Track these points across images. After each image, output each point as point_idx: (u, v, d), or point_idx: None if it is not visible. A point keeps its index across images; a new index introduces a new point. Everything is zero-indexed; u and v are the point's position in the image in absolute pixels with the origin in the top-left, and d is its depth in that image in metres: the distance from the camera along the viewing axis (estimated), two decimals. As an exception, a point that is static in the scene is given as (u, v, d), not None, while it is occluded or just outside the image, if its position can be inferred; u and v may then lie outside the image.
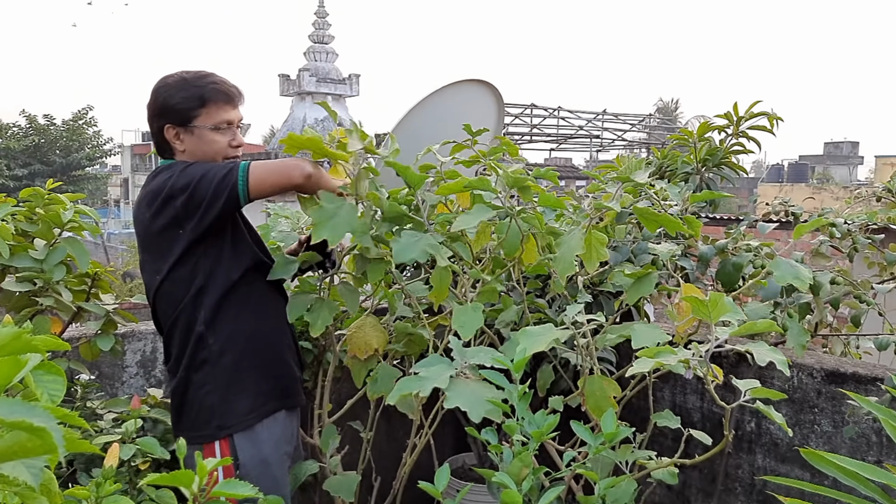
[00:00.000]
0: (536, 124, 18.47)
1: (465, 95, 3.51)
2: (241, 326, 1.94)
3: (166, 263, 1.88)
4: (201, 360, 1.90)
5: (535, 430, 1.52)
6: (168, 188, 1.83)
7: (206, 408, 1.90)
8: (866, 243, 2.40)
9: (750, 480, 2.62)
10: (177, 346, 1.93)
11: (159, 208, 1.85)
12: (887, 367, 2.43)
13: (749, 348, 1.45)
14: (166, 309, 1.94)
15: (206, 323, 1.89)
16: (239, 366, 1.93)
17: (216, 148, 1.97)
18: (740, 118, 2.72)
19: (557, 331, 1.70)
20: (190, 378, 1.91)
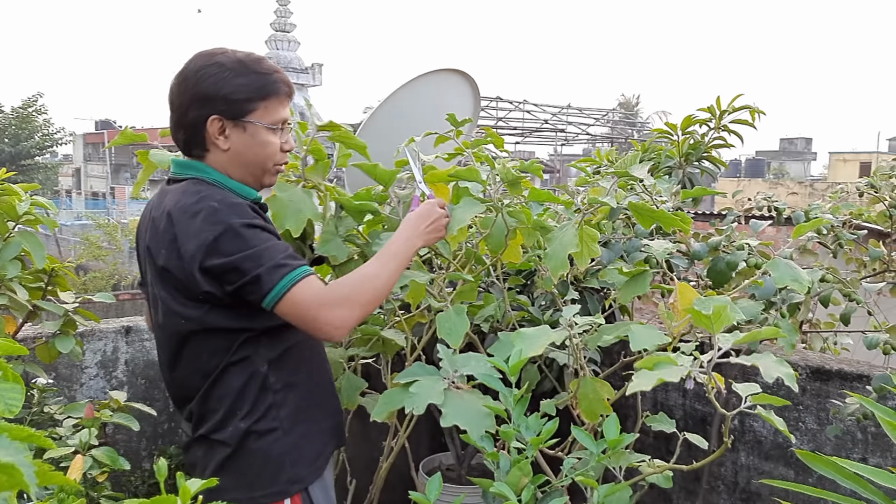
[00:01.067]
0: (502, 117, 18.43)
1: (441, 85, 3.41)
2: (300, 360, 1.64)
3: (197, 306, 1.51)
4: (267, 406, 1.56)
5: (533, 436, 1.45)
6: (210, 253, 1.45)
7: (274, 459, 1.56)
8: (851, 239, 2.37)
9: (734, 479, 2.59)
10: (231, 396, 1.54)
11: (200, 259, 1.47)
12: (872, 364, 2.42)
13: (755, 361, 1.39)
14: (202, 355, 1.54)
15: (271, 362, 1.57)
16: (302, 405, 1.62)
17: (269, 151, 1.60)
18: (723, 112, 2.68)
19: (554, 332, 1.62)
20: (251, 428, 1.54)
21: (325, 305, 1.47)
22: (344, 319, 1.49)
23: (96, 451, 1.72)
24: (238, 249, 1.45)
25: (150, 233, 1.56)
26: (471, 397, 1.53)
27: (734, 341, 1.42)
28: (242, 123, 1.57)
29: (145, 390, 2.62)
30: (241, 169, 1.60)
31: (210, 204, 1.48)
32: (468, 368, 1.59)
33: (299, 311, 1.46)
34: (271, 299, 1.45)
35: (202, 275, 1.46)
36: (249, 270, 1.44)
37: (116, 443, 2.57)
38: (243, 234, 1.46)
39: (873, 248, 2.46)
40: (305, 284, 1.47)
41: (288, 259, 1.48)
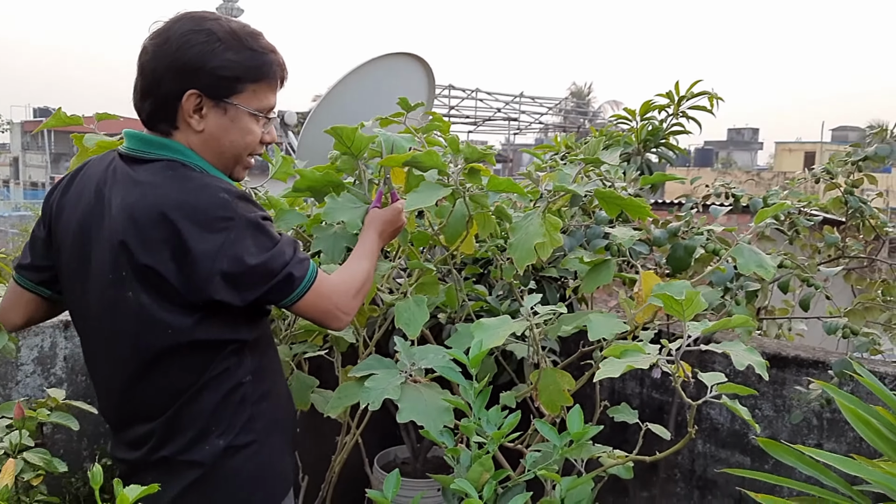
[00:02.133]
0: (454, 105, 18.37)
1: (395, 70, 3.33)
2: (271, 368, 1.51)
3: (188, 315, 1.32)
4: (246, 418, 1.40)
5: (495, 430, 1.39)
6: (234, 255, 1.29)
7: (251, 476, 1.41)
8: (808, 225, 2.37)
9: (690, 467, 2.58)
10: (207, 413, 1.37)
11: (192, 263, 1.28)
12: (827, 350, 2.43)
13: (726, 349, 1.35)
14: (178, 370, 1.36)
15: (252, 372, 1.42)
16: (275, 416, 1.48)
17: (249, 140, 1.42)
18: (682, 97, 2.65)
19: (514, 323, 1.57)
20: (231, 444, 1.38)
21: (343, 296, 1.43)
22: (354, 309, 1.46)
23: (29, 453, 1.60)
24: (265, 248, 1.32)
25: (127, 226, 1.30)
26: (429, 391, 1.47)
27: (703, 329, 1.39)
28: (224, 105, 1.37)
29: (86, 387, 2.50)
30: (212, 155, 1.40)
31: (220, 196, 1.30)
32: (426, 361, 1.53)
33: (322, 304, 1.40)
34: (297, 295, 1.36)
35: (223, 281, 1.28)
36: (279, 269, 1.33)
37: (55, 443, 2.44)
38: (265, 229, 1.33)
39: (829, 235, 2.47)
40: (321, 275, 1.41)
41: (300, 251, 1.39)
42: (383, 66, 3.26)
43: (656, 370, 1.43)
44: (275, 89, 1.45)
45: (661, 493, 2.63)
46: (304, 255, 1.39)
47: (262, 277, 1.32)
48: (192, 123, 1.36)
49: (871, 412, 1.61)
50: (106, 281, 1.34)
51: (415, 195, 1.61)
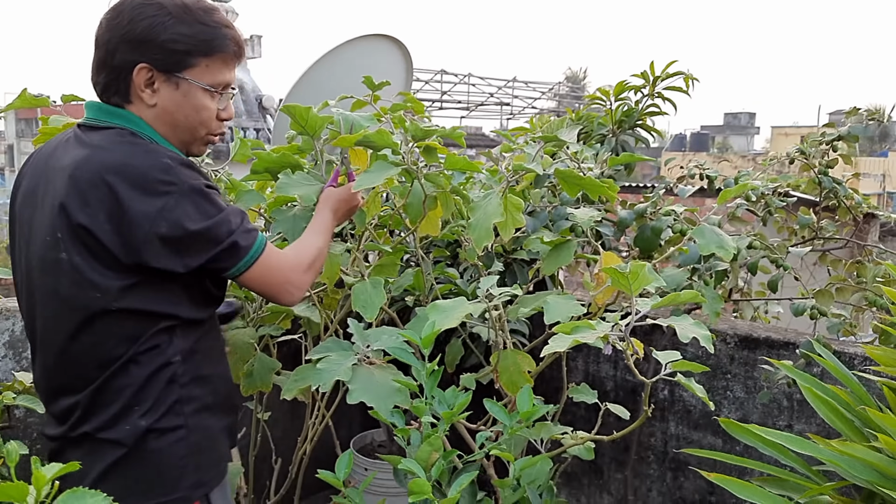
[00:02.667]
0: (447, 91, 18.28)
1: (371, 52, 3.31)
2: (209, 350, 1.47)
3: (120, 279, 1.30)
4: (173, 401, 1.36)
5: (446, 410, 1.39)
6: (174, 219, 1.28)
7: (176, 462, 1.37)
8: (781, 206, 2.36)
9: (663, 448, 2.58)
10: (132, 389, 1.33)
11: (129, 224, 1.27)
12: (799, 332, 2.43)
13: (672, 322, 1.35)
14: (108, 339, 1.33)
15: (184, 355, 1.38)
16: (208, 401, 1.44)
17: (204, 116, 1.41)
18: (657, 78, 2.63)
19: (470, 304, 1.56)
20: (153, 426, 1.34)
21: (294, 269, 1.43)
22: (306, 283, 1.46)
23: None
24: (208, 214, 1.30)
25: (68, 187, 1.29)
26: (381, 372, 1.46)
27: (652, 305, 1.39)
28: (176, 79, 1.37)
29: (57, 371, 2.49)
30: (166, 129, 1.40)
31: (161, 160, 1.30)
32: (380, 343, 1.52)
33: (270, 275, 1.39)
34: (244, 265, 1.36)
35: (162, 245, 1.28)
36: (224, 237, 1.32)
37: (28, 426, 2.44)
38: (207, 197, 1.32)
39: (802, 216, 2.45)
40: (271, 247, 1.41)
41: (248, 222, 1.39)
42: (360, 47, 3.24)
43: (607, 347, 1.42)
44: (230, 65, 1.43)
45: (633, 474, 2.63)
46: (252, 227, 1.39)
47: (204, 244, 1.31)
48: (144, 97, 1.36)
49: (829, 393, 1.61)
50: (45, 243, 1.33)
51: (365, 174, 1.60)
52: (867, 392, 1.62)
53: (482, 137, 20.40)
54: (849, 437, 1.55)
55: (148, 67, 1.35)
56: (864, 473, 1.35)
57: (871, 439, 1.47)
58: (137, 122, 1.37)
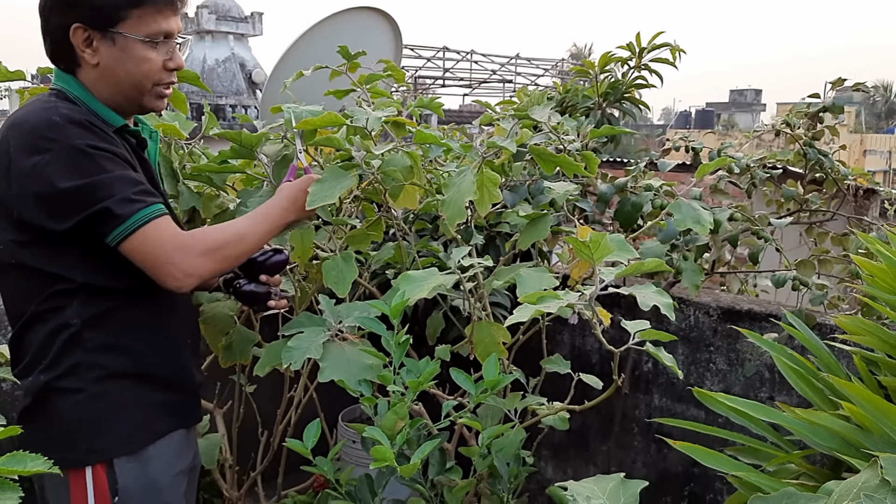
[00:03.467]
0: (449, 68, 18.16)
1: (359, 25, 3.29)
2: (133, 322, 1.44)
3: (16, 235, 1.34)
4: (73, 363, 1.38)
5: (413, 379, 1.39)
6: (46, 176, 1.28)
7: (72, 424, 1.38)
8: (764, 178, 2.35)
9: (647, 420, 2.60)
10: (35, 344, 1.39)
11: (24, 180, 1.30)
12: (782, 304, 2.43)
13: (634, 291, 1.35)
14: (16, 292, 1.41)
15: (86, 318, 1.38)
16: (124, 372, 1.42)
17: (145, 68, 1.40)
18: (643, 49, 2.61)
19: (442, 275, 1.55)
20: (50, 383, 1.37)
21: (183, 250, 1.35)
22: (198, 269, 1.37)
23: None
24: (82, 174, 1.28)
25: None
26: (353, 349, 1.46)
27: (616, 274, 1.39)
28: (111, 35, 1.37)
29: (45, 345, 2.51)
30: (113, 88, 1.41)
31: (51, 118, 1.30)
32: (351, 319, 1.52)
33: (151, 251, 1.32)
34: (120, 234, 1.31)
35: (35, 202, 1.29)
36: (96, 201, 1.29)
37: (16, 399, 2.47)
38: (87, 158, 1.30)
39: (787, 188, 2.44)
40: (163, 222, 1.34)
41: (142, 194, 1.34)
42: (347, 20, 3.22)
43: (573, 317, 1.42)
44: (164, 13, 1.41)
45: (617, 445, 2.65)
46: (141, 200, 1.33)
47: (74, 205, 1.29)
48: (86, 57, 1.39)
49: (801, 364, 1.61)
50: None
51: (318, 186, 1.52)
52: (837, 361, 1.62)
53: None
54: (819, 407, 1.55)
55: (83, 27, 1.36)
56: (828, 441, 1.36)
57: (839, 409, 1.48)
58: (71, 84, 1.41)
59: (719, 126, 28.54)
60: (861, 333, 1.56)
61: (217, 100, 10.74)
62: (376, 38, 3.33)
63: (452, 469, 1.50)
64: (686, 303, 2.43)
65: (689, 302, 2.42)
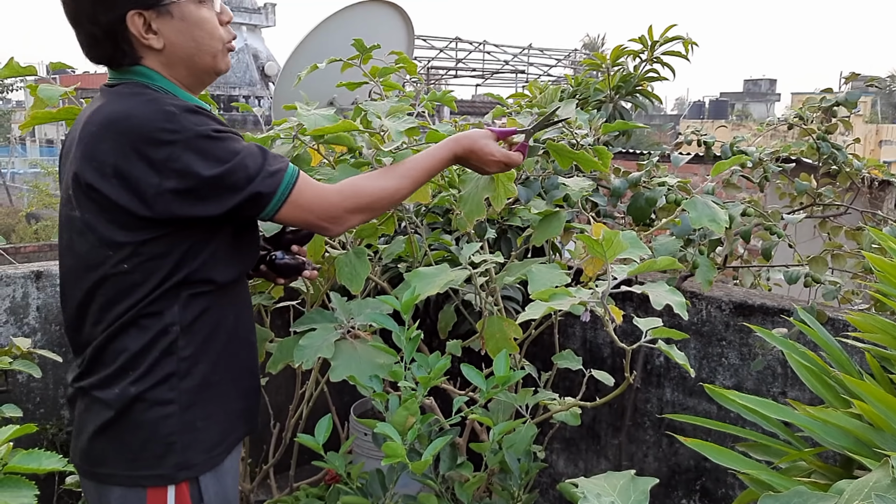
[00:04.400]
0: (461, 59, 18.10)
1: (372, 18, 3.29)
2: (220, 326, 1.38)
3: (131, 236, 1.27)
4: (167, 373, 1.30)
5: (424, 375, 1.40)
6: (183, 168, 1.22)
7: (162, 439, 1.31)
8: (777, 171, 2.33)
9: (658, 414, 2.60)
10: (128, 352, 1.30)
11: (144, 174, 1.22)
12: (794, 299, 2.41)
13: (646, 289, 1.35)
14: (117, 297, 1.30)
15: (184, 324, 1.31)
16: (212, 380, 1.36)
17: (209, 28, 1.34)
18: (655, 42, 2.60)
19: (453, 271, 1.56)
20: (141, 395, 1.29)
21: (334, 207, 1.35)
22: (349, 221, 1.38)
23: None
24: (221, 160, 1.23)
25: (79, 142, 1.27)
26: (364, 347, 1.47)
27: (629, 271, 1.38)
28: (166, 8, 1.28)
29: (60, 336, 2.54)
30: (188, 64, 1.35)
31: (164, 108, 1.23)
32: (363, 317, 1.52)
33: (303, 215, 1.33)
34: (272, 209, 1.30)
35: (175, 196, 1.23)
36: (243, 184, 1.25)
37: (31, 391, 2.50)
38: (217, 142, 1.24)
39: (800, 182, 2.43)
40: (304, 184, 1.32)
41: (274, 160, 1.30)
42: (360, 13, 3.22)
43: (585, 314, 1.42)
44: None
45: (629, 439, 2.65)
46: (276, 166, 1.30)
47: (222, 192, 1.25)
48: (151, 44, 1.30)
49: (812, 360, 1.60)
50: (63, 200, 1.34)
51: None
52: (848, 358, 1.61)
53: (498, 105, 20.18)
54: (831, 404, 1.55)
55: (137, 12, 1.27)
56: (839, 439, 1.35)
57: (851, 406, 1.47)
58: (149, 75, 1.33)
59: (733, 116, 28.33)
60: (873, 331, 1.56)
61: (230, 90, 10.75)
62: (389, 31, 3.32)
63: (464, 464, 1.51)
64: (698, 297, 2.42)
65: (701, 296, 2.42)
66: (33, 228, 13.08)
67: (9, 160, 27.86)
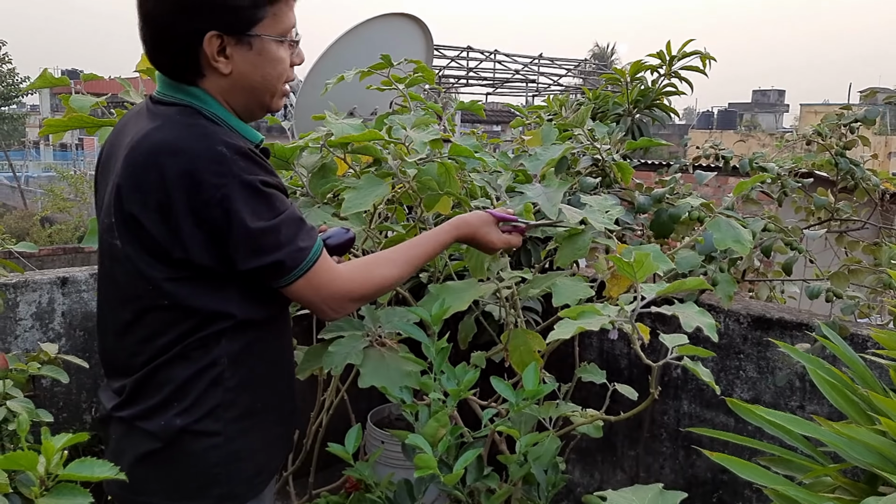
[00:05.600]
0: (473, 68, 18.18)
1: (391, 30, 3.32)
2: (264, 353, 1.36)
3: (170, 272, 1.23)
4: (214, 404, 1.28)
5: (454, 387, 1.42)
6: (220, 217, 1.18)
7: (208, 469, 1.29)
8: (796, 187, 2.35)
9: (675, 426, 2.61)
10: (174, 384, 1.27)
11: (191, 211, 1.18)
12: (812, 313, 2.43)
13: (676, 311, 1.37)
14: (159, 330, 1.27)
15: (231, 356, 1.29)
16: (255, 409, 1.34)
17: (280, 69, 1.30)
18: (673, 58, 2.62)
19: (481, 286, 1.58)
20: (188, 427, 1.27)
21: (343, 294, 1.32)
22: (349, 310, 1.36)
23: (13, 402, 1.66)
24: (260, 216, 1.19)
25: (124, 167, 1.22)
26: (392, 355, 1.49)
27: (657, 292, 1.40)
28: (248, 38, 1.24)
29: (84, 342, 2.57)
30: (247, 96, 1.31)
31: (216, 148, 1.18)
32: (391, 325, 1.55)
33: (309, 294, 1.29)
34: (285, 281, 1.26)
35: (208, 240, 1.20)
36: (270, 250, 1.22)
37: (54, 396, 2.53)
38: (261, 198, 1.20)
39: (818, 197, 2.44)
40: (320, 266, 1.28)
41: (306, 237, 1.27)
42: (380, 26, 3.25)
43: (613, 332, 1.44)
44: (291, 5, 1.31)
45: (646, 451, 2.66)
46: (306, 242, 1.27)
47: (250, 250, 1.21)
48: (219, 68, 1.25)
49: (835, 375, 1.62)
50: (104, 225, 1.29)
51: (353, 194, 1.56)
52: (873, 375, 1.63)
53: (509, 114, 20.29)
54: (854, 420, 1.56)
55: (217, 34, 1.22)
56: (865, 456, 1.36)
57: (876, 423, 1.48)
58: (205, 100, 1.28)
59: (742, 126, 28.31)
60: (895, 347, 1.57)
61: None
62: (408, 43, 3.36)
63: (490, 476, 1.53)
64: (716, 310, 2.44)
65: (720, 309, 2.43)
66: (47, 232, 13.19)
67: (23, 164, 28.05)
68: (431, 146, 1.73)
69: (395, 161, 1.79)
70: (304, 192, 1.88)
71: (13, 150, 30.13)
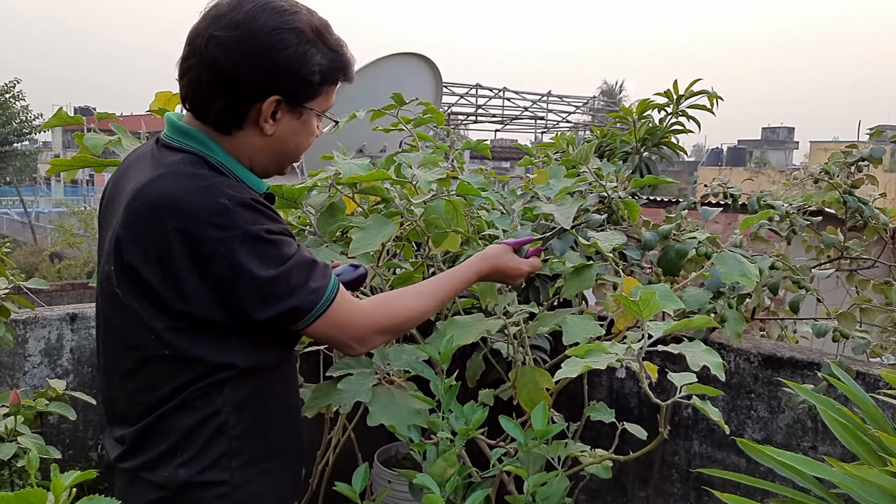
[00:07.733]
0: (481, 105, 18.35)
1: (401, 69, 3.37)
2: (268, 398, 1.34)
3: (171, 323, 1.22)
4: (219, 454, 1.26)
5: (462, 426, 1.42)
6: (224, 271, 1.18)
7: None
8: (805, 225, 2.35)
9: (686, 467, 2.58)
10: (177, 435, 1.25)
11: (198, 263, 1.18)
12: (823, 352, 2.41)
13: (683, 350, 1.36)
14: (160, 379, 1.25)
15: (235, 404, 1.27)
16: (261, 455, 1.32)
17: (310, 142, 1.34)
18: (680, 96, 2.65)
19: (489, 321, 1.59)
20: (194, 479, 1.25)
21: (366, 328, 1.32)
22: (375, 343, 1.36)
23: (23, 438, 1.66)
24: (267, 264, 1.19)
25: (125, 216, 1.21)
26: (401, 393, 1.49)
27: (665, 330, 1.40)
28: (301, 109, 1.27)
29: (92, 378, 2.57)
30: (275, 158, 1.33)
31: (218, 200, 1.17)
32: (400, 362, 1.55)
33: (332, 332, 1.29)
34: (303, 324, 1.26)
35: (213, 295, 1.19)
36: (282, 295, 1.21)
37: (61, 432, 2.53)
38: (271, 243, 1.20)
39: (827, 235, 2.44)
40: (338, 303, 1.28)
41: (319, 277, 1.26)
42: (390, 65, 3.30)
43: (621, 370, 1.44)
44: (335, 88, 1.34)
45: (656, 492, 2.63)
46: (321, 286, 1.26)
47: (260, 299, 1.20)
48: (265, 128, 1.27)
49: (846, 416, 1.60)
50: (104, 271, 1.28)
51: (361, 234, 1.58)
52: (884, 415, 1.61)
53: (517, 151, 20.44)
54: (866, 461, 1.54)
55: (279, 99, 1.24)
56: (876, 498, 1.35)
57: (888, 464, 1.47)
58: (211, 148, 1.27)
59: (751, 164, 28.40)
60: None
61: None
62: (418, 82, 3.41)
63: (497, 516, 1.51)
64: (726, 349, 2.42)
65: (730, 348, 2.42)
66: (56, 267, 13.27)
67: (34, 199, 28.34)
68: (439, 184, 1.75)
69: (401, 201, 1.81)
70: (312, 231, 1.89)
71: (25, 186, 30.49)
